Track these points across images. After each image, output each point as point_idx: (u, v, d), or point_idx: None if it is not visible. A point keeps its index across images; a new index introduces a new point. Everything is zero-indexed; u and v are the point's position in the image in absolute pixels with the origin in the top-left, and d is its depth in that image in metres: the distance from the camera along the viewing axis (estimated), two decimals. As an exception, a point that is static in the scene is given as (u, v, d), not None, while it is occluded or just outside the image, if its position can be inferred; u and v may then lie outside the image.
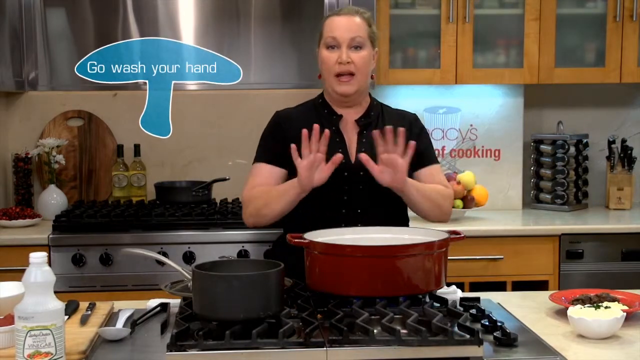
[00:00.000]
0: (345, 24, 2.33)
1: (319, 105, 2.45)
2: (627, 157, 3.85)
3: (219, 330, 1.63)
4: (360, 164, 2.26)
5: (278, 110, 2.50)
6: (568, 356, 1.69)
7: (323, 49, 2.36)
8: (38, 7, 3.59)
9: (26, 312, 1.52)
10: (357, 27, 2.33)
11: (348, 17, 2.35)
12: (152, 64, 3.69)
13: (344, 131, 2.40)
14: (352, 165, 2.33)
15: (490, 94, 3.82)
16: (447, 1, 3.51)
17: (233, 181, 3.65)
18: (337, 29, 2.33)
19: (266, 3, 3.71)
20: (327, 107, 2.43)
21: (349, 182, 2.33)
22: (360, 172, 2.31)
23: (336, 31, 2.33)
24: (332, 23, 2.35)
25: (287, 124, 2.41)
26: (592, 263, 3.37)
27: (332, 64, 2.33)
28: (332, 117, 2.40)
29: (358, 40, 2.33)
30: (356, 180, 2.33)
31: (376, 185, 2.26)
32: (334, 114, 2.41)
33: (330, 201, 2.32)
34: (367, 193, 2.32)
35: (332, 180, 2.25)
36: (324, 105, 2.44)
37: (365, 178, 2.29)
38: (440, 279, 1.87)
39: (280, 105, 2.50)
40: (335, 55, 2.33)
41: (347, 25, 2.33)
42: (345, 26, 2.33)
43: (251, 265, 1.86)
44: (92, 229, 3.18)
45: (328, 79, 2.37)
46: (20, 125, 3.76)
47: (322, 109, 2.43)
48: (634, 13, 3.58)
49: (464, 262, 3.27)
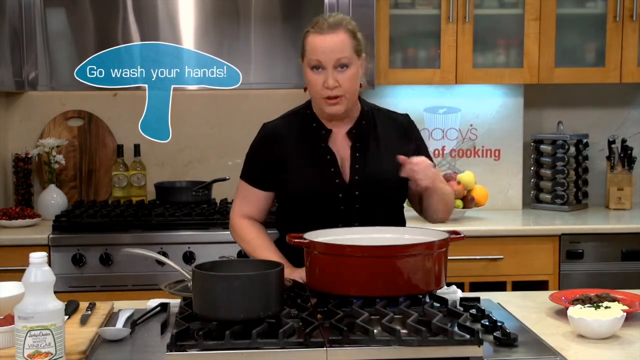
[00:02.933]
0: (328, 45, 2.16)
1: (307, 118, 2.31)
2: (627, 157, 3.85)
3: (219, 330, 1.63)
4: (356, 183, 2.23)
5: (266, 123, 2.38)
6: (568, 356, 1.69)
7: (307, 69, 2.21)
8: (38, 7, 3.59)
9: (26, 312, 1.52)
10: (342, 47, 2.16)
11: (331, 35, 2.16)
12: (151, 67, 3.69)
13: (335, 148, 2.27)
14: (346, 186, 2.24)
15: (490, 94, 3.82)
16: (447, 1, 3.51)
17: (233, 181, 3.62)
18: (320, 51, 2.16)
19: (266, 3, 3.71)
20: (316, 120, 2.30)
21: (344, 203, 2.24)
22: (356, 191, 2.23)
23: (320, 54, 2.16)
24: (314, 43, 2.18)
25: (275, 140, 2.31)
26: (592, 263, 3.37)
27: (319, 87, 2.18)
28: (321, 133, 2.28)
29: (343, 60, 2.16)
30: (352, 200, 2.23)
31: (373, 203, 2.23)
32: (323, 128, 2.28)
33: (325, 217, 2.21)
34: (364, 212, 2.23)
35: (326, 201, 2.22)
36: (312, 118, 2.30)
37: (361, 197, 2.23)
38: (440, 279, 1.87)
39: (280, 105, 2.50)
40: (321, 78, 2.17)
41: (331, 46, 2.16)
42: (329, 47, 2.16)
43: (251, 265, 1.86)
44: (92, 229, 3.18)
45: (315, 99, 2.25)
46: (20, 125, 3.76)
47: (311, 122, 2.30)
48: (634, 13, 3.58)
49: (464, 262, 3.27)
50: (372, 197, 2.24)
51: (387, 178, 2.23)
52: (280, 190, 2.31)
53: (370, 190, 2.24)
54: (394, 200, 2.31)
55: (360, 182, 2.24)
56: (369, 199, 2.23)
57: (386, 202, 2.28)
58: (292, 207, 2.31)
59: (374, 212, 2.24)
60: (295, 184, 2.25)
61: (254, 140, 2.38)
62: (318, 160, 2.26)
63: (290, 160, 2.27)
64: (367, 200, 2.23)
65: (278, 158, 2.27)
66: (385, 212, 2.27)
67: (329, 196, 2.21)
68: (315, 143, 2.27)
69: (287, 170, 2.26)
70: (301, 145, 2.28)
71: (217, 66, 3.70)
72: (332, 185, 2.23)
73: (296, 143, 2.29)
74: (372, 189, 2.24)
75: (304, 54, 2.22)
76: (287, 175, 2.26)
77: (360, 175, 2.24)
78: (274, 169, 2.28)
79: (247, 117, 3.82)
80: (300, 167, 2.26)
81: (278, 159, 2.28)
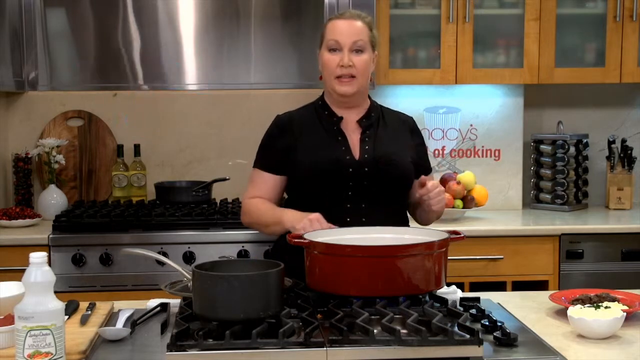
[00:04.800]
0: (347, 28, 2.35)
1: (319, 107, 2.47)
2: (627, 157, 3.85)
3: (219, 330, 1.63)
4: (365, 161, 2.35)
5: (279, 114, 2.52)
6: (568, 356, 1.69)
7: (325, 52, 2.38)
8: (38, 7, 3.59)
9: (26, 312, 1.52)
10: (359, 31, 2.36)
11: (350, 21, 2.37)
12: (152, 65, 3.70)
13: (345, 130, 2.42)
14: (356, 162, 2.36)
15: (490, 94, 3.82)
16: (447, 1, 3.51)
17: (233, 181, 3.65)
18: (339, 32, 2.35)
19: (266, 3, 3.72)
20: (328, 108, 2.45)
21: (353, 179, 2.35)
22: (365, 168, 2.35)
23: (338, 35, 2.35)
24: (334, 26, 2.37)
25: (288, 128, 2.44)
26: (592, 263, 3.37)
27: (334, 66, 2.36)
28: (333, 119, 2.42)
29: (360, 44, 2.35)
30: (361, 177, 2.35)
31: (380, 181, 2.35)
32: (335, 115, 2.43)
33: (334, 197, 2.35)
34: (371, 189, 2.35)
35: (337, 177, 2.33)
36: (324, 107, 2.46)
37: (369, 174, 2.35)
38: (440, 279, 1.87)
39: (280, 105, 2.51)
40: (337, 58, 2.35)
41: (349, 29, 2.35)
42: (348, 30, 2.35)
43: (251, 265, 1.86)
44: (92, 229, 3.18)
45: (329, 81, 2.39)
46: (20, 125, 3.76)
47: (323, 111, 2.45)
48: (634, 13, 3.58)
49: (464, 262, 3.27)
50: (381, 176, 2.36)
51: (395, 160, 2.38)
52: (292, 172, 2.40)
53: (379, 168, 2.36)
54: (400, 182, 2.41)
55: (369, 160, 2.36)
56: (377, 177, 2.35)
57: (393, 183, 2.39)
58: (303, 189, 2.41)
59: (381, 191, 2.36)
60: (306, 162, 2.36)
61: (268, 130, 2.50)
62: (329, 140, 2.39)
63: (303, 143, 2.39)
64: (376, 178, 2.35)
65: (291, 143, 2.40)
66: (391, 193, 2.39)
67: (339, 170, 2.34)
68: (327, 127, 2.41)
69: (299, 152, 2.38)
70: (313, 130, 2.42)
71: (217, 63, 3.72)
72: (342, 161, 2.35)
73: (308, 128, 2.42)
74: (381, 167, 2.36)
75: (322, 39, 2.40)
76: (299, 156, 2.38)
77: (369, 154, 2.37)
78: (287, 153, 2.40)
79: (247, 118, 3.82)
80: (311, 147, 2.38)
81: (291, 143, 2.40)
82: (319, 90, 2.58)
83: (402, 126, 2.50)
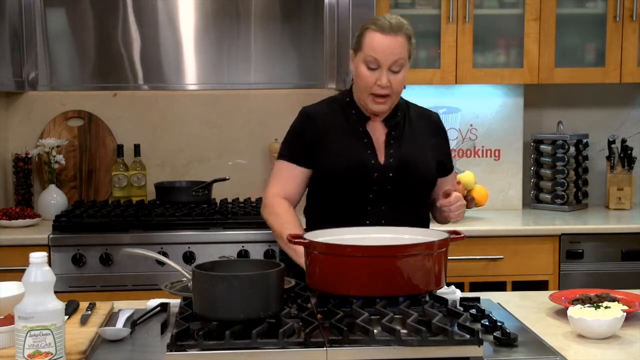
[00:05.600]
0: (388, 46, 2.25)
1: (346, 106, 2.41)
2: (627, 157, 3.85)
3: (219, 330, 1.63)
4: (390, 165, 2.34)
5: (305, 106, 2.47)
6: (568, 356, 1.69)
7: (361, 64, 2.29)
8: (38, 7, 3.59)
9: (26, 312, 1.52)
10: (400, 49, 2.26)
11: (392, 37, 2.25)
12: (152, 65, 3.70)
13: (371, 132, 2.38)
14: (381, 166, 2.34)
15: (490, 94, 3.82)
16: (447, 1, 3.51)
17: (233, 181, 3.65)
18: (379, 50, 2.25)
19: (266, 3, 3.72)
20: (355, 108, 2.39)
21: (377, 183, 2.33)
22: (390, 173, 2.33)
23: (378, 53, 2.25)
24: (373, 41, 2.26)
25: (314, 122, 2.40)
26: (592, 263, 3.37)
27: (370, 84, 2.28)
28: (359, 119, 2.38)
29: (399, 62, 2.27)
30: (385, 181, 2.33)
31: (404, 186, 2.34)
32: (361, 115, 2.39)
33: (356, 199, 2.33)
34: (394, 193, 2.34)
35: (361, 180, 2.31)
36: (351, 105, 2.40)
37: (394, 179, 2.33)
38: (440, 279, 1.87)
39: (280, 105, 2.53)
40: (375, 75, 2.27)
41: (391, 47, 2.25)
42: (389, 48, 2.25)
43: (251, 265, 1.86)
44: (92, 229, 3.18)
45: (362, 95, 2.33)
46: (20, 125, 3.76)
47: (350, 110, 2.40)
48: (634, 13, 3.58)
49: (464, 262, 3.27)
50: (404, 180, 2.35)
51: (418, 165, 2.36)
52: (316, 167, 2.36)
53: (403, 173, 2.34)
54: (422, 186, 2.41)
55: (394, 165, 2.34)
56: (400, 182, 2.34)
57: (416, 188, 2.38)
58: (326, 188, 2.38)
59: (404, 195, 2.35)
60: (332, 163, 2.33)
61: (294, 123, 2.45)
62: (356, 142, 2.36)
63: (329, 139, 2.36)
64: (399, 183, 2.34)
65: (317, 135, 2.37)
66: (413, 198, 2.39)
67: (364, 175, 2.31)
68: (353, 127, 2.38)
69: (325, 149, 2.35)
70: (339, 127, 2.38)
71: (217, 62, 3.72)
72: (368, 165, 2.33)
73: (335, 125, 2.39)
74: (405, 172, 2.34)
75: (359, 48, 2.30)
76: (324, 154, 2.35)
77: (394, 159, 2.35)
78: (313, 145, 2.36)
79: (247, 117, 3.82)
80: (337, 147, 2.35)
81: (317, 135, 2.37)
82: (318, 90, 2.57)
83: (427, 124, 2.46)
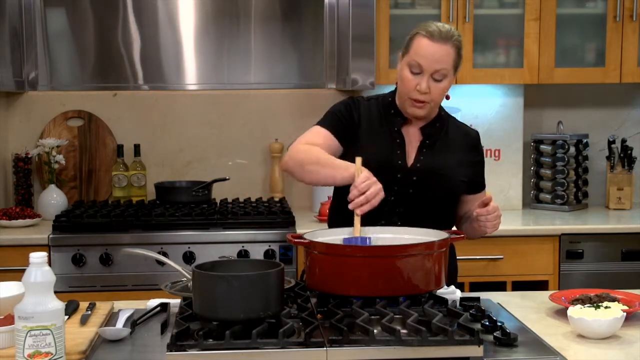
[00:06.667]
0: (434, 54, 2.24)
1: (388, 103, 2.41)
2: (627, 157, 3.85)
3: (219, 330, 1.63)
4: (416, 169, 2.31)
5: (352, 96, 2.48)
6: (568, 356, 1.69)
7: (405, 67, 2.29)
8: (38, 7, 3.59)
9: (26, 312, 1.52)
10: (445, 59, 2.25)
11: (441, 45, 2.24)
12: (152, 65, 3.70)
13: (405, 134, 2.37)
14: (407, 169, 2.31)
15: (490, 94, 3.82)
16: (447, 1, 3.51)
17: (233, 181, 3.65)
18: (423, 56, 2.24)
19: (266, 3, 3.72)
20: (395, 108, 2.39)
21: (399, 184, 2.30)
22: (414, 177, 2.30)
23: (422, 58, 2.24)
24: (420, 46, 2.25)
25: (358, 108, 2.40)
26: (592, 263, 3.37)
27: (411, 88, 2.27)
28: (397, 119, 2.37)
29: (442, 72, 2.26)
30: (407, 184, 2.30)
31: (425, 192, 2.30)
32: (400, 116, 2.37)
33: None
34: (414, 197, 2.30)
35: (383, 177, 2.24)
36: (392, 105, 2.40)
37: (416, 183, 2.30)
38: (440, 279, 1.87)
39: (280, 105, 2.54)
40: (416, 80, 2.26)
41: (437, 56, 2.24)
42: (434, 56, 2.24)
43: (251, 265, 1.86)
44: (92, 229, 3.18)
45: (402, 97, 2.33)
46: (20, 125, 3.76)
47: (390, 108, 2.39)
48: (634, 13, 3.58)
49: (464, 262, 3.25)
50: (426, 187, 2.31)
51: (443, 176, 2.32)
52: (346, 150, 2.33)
53: (428, 180, 2.31)
54: (443, 197, 2.36)
55: (420, 170, 2.31)
56: (422, 188, 2.30)
57: (436, 197, 2.33)
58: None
59: (423, 202, 2.31)
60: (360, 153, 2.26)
61: (340, 103, 2.45)
62: (388, 140, 2.35)
63: (364, 130, 2.35)
64: (421, 189, 2.30)
65: (355, 121, 2.36)
66: (432, 207, 2.33)
67: (387, 173, 2.26)
68: (389, 125, 2.37)
69: (357, 139, 2.34)
70: (376, 123, 2.38)
71: (217, 62, 3.71)
72: (394, 165, 2.31)
73: (373, 119, 2.38)
74: (429, 179, 2.31)
75: (407, 51, 2.30)
76: (355, 143, 2.33)
77: (422, 164, 2.32)
78: (350, 129, 2.35)
79: (247, 117, 3.82)
80: (369, 140, 2.34)
81: (355, 122, 2.36)
82: (318, 90, 2.57)
83: (464, 140, 2.43)
